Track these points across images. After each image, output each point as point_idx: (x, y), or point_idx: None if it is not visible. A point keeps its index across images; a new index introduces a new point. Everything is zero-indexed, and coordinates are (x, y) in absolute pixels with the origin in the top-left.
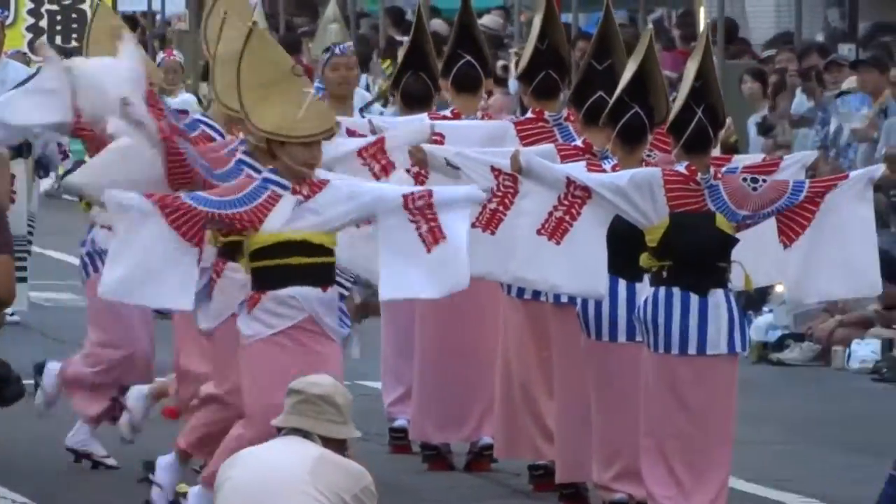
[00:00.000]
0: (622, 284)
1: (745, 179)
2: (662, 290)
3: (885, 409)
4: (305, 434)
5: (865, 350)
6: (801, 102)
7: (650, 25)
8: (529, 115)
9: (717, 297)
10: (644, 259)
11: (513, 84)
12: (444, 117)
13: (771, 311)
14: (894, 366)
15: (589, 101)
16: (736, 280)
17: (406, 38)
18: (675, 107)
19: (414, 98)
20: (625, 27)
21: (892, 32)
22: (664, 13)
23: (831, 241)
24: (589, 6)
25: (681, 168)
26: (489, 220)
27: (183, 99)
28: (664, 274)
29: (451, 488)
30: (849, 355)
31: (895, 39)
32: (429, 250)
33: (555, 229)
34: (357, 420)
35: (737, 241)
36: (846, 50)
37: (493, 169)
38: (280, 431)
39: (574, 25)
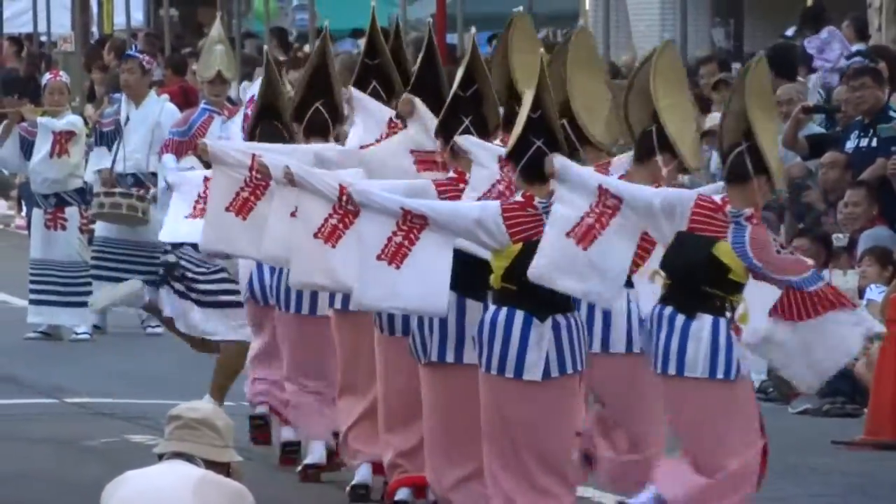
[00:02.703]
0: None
1: None
2: (504, 311)
3: (772, 428)
4: (188, 458)
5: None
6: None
7: (541, 51)
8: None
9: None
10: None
11: None
12: None
13: None
14: (780, 385)
15: (457, 130)
16: None
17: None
18: (513, 136)
19: (316, 128)
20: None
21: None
22: (549, 32)
23: None
24: (479, 26)
25: (518, 196)
26: (330, 233)
27: (69, 120)
28: (508, 296)
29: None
30: None
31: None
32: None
33: (394, 254)
34: (238, 439)
35: None
36: (734, 70)
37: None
38: (161, 458)
39: (460, 46)
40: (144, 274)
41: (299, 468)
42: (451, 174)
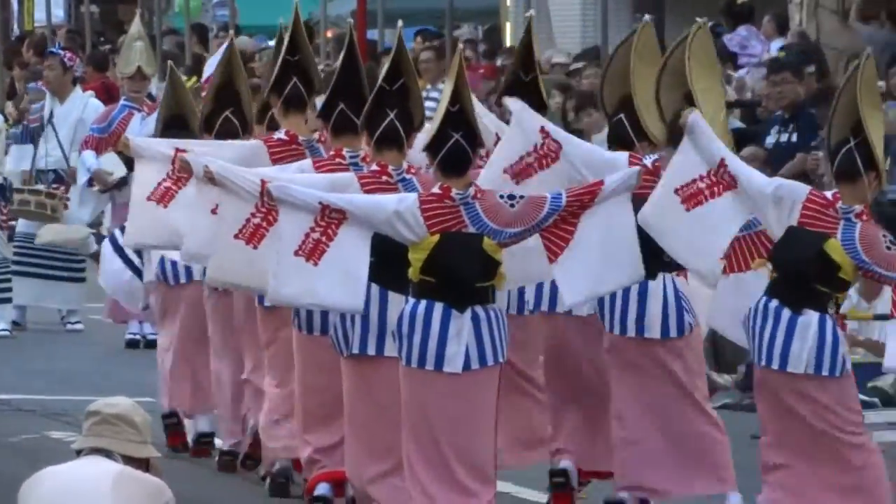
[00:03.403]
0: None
1: (501, 196)
2: (423, 303)
3: None
4: (107, 454)
5: None
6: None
7: (460, 45)
8: (283, 136)
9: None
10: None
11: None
12: (280, 140)
13: None
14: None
15: (382, 124)
16: None
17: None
18: (432, 129)
19: (227, 137)
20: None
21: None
22: (470, 29)
23: (591, 246)
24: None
25: (435, 189)
26: (252, 234)
27: None
28: (427, 289)
29: (250, 496)
30: None
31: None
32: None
33: (312, 251)
34: (156, 436)
35: (498, 263)
36: None
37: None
38: (80, 454)
39: (380, 41)
40: (65, 270)
41: (216, 457)
42: (374, 167)
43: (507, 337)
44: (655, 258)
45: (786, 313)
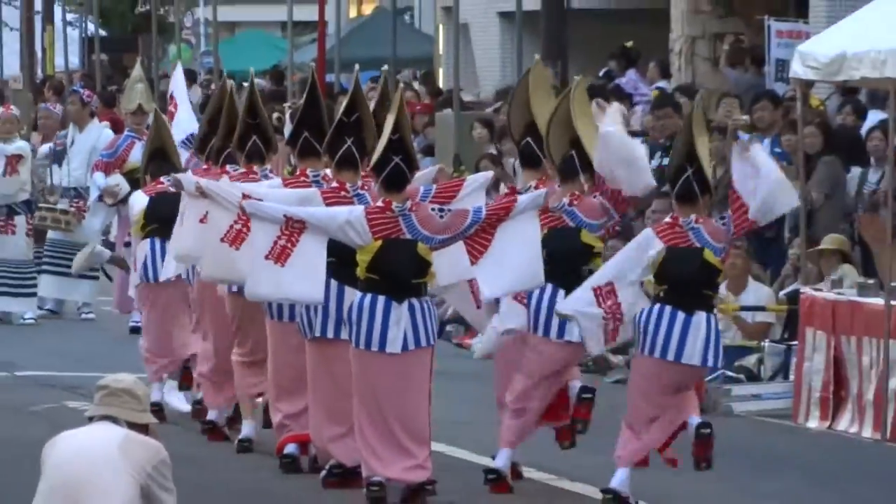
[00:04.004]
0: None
1: (433, 209)
2: (369, 296)
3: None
4: (114, 420)
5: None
6: None
7: (402, 85)
8: (242, 169)
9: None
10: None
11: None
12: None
13: None
14: (597, 361)
15: (341, 149)
16: None
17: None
18: (375, 154)
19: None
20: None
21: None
22: (410, 73)
23: (505, 252)
24: (350, 69)
25: (379, 202)
26: (234, 238)
27: (18, 146)
28: (372, 285)
29: (229, 460)
30: None
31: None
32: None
33: (279, 254)
34: None
35: (429, 264)
36: None
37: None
38: (91, 420)
39: (336, 83)
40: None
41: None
42: (334, 184)
43: (436, 324)
44: (578, 279)
45: (680, 315)
